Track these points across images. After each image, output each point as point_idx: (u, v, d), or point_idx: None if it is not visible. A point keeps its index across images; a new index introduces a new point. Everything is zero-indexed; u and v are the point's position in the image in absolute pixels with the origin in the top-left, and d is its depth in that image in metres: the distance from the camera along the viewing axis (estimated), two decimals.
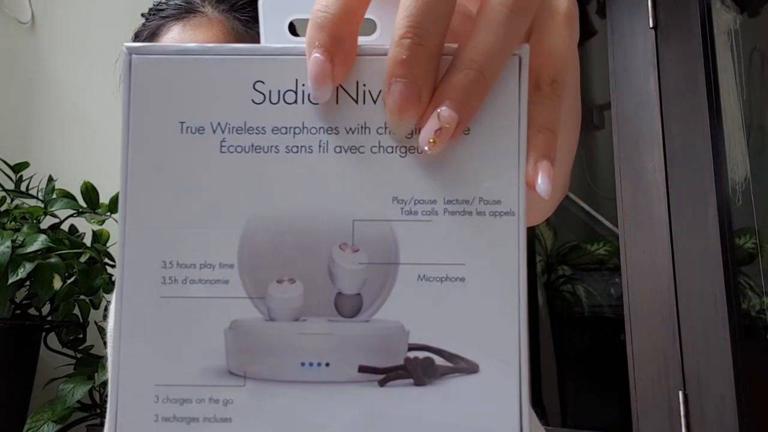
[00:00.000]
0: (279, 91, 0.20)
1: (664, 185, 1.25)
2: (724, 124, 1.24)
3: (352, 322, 0.20)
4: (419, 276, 0.19)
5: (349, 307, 0.20)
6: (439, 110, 0.19)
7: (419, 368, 0.19)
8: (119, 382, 0.20)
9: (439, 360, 0.19)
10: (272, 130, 0.20)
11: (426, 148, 0.19)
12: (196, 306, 0.20)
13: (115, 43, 0.74)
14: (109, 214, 1.21)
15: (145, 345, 0.20)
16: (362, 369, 0.19)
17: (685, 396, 1.18)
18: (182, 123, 0.20)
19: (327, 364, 0.20)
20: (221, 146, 0.20)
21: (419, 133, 0.20)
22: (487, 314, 0.19)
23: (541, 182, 0.20)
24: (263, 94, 0.21)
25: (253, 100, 0.20)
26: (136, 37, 0.59)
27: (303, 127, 0.20)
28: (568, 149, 0.30)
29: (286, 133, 0.20)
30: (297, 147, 0.20)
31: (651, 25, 1.32)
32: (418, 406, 0.19)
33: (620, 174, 1.31)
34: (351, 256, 0.20)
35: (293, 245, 0.20)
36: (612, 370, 1.42)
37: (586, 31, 1.55)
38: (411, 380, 0.19)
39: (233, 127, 0.20)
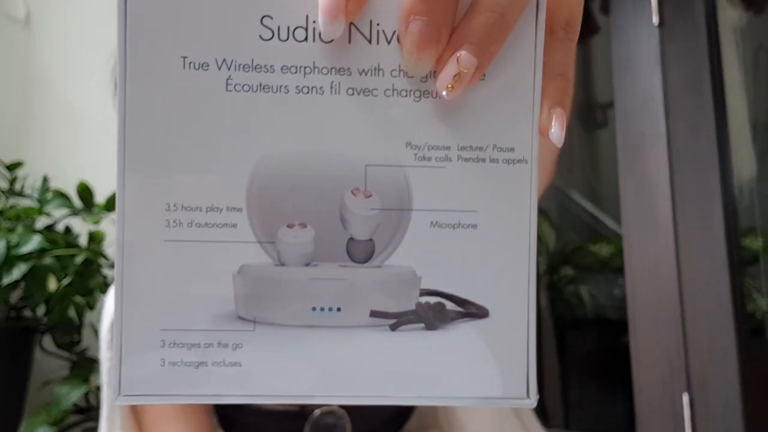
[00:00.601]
0: (288, 28, 0.20)
1: (668, 185, 1.24)
2: (729, 122, 1.23)
3: (363, 268, 0.20)
4: (432, 222, 0.19)
5: (361, 252, 0.20)
6: (458, 54, 0.18)
7: (430, 313, 0.19)
8: (123, 327, 0.19)
9: (450, 305, 0.19)
10: (281, 69, 0.20)
11: (444, 93, 0.19)
12: (202, 250, 0.19)
13: (111, 42, 0.72)
14: (105, 214, 1.19)
15: (150, 289, 0.19)
16: (374, 314, 0.19)
17: (690, 398, 1.17)
18: (184, 58, 0.19)
19: (338, 309, 0.20)
20: (227, 84, 0.19)
21: (435, 76, 0.19)
22: (498, 261, 0.19)
23: (555, 130, 0.19)
24: (271, 30, 0.20)
25: (260, 36, 0.19)
26: None
27: (314, 67, 0.20)
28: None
29: (296, 72, 0.20)
30: (308, 88, 0.20)
31: (655, 23, 1.31)
32: (429, 350, 0.19)
33: (624, 173, 1.30)
34: (363, 202, 0.19)
35: (304, 189, 0.19)
36: (616, 372, 1.41)
37: (589, 28, 1.54)
38: (422, 325, 0.19)
39: (240, 64, 0.19)
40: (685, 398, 1.18)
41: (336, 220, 0.20)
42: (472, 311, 0.19)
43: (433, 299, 0.19)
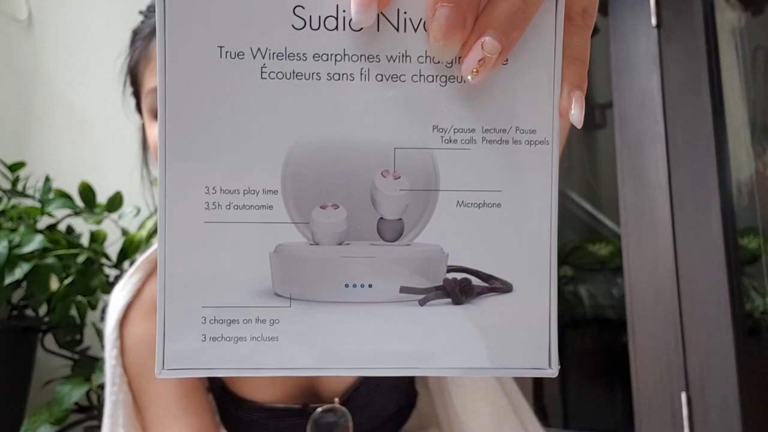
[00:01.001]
0: (320, 17, 0.20)
1: (666, 185, 1.25)
2: (728, 123, 1.23)
3: (393, 246, 0.21)
4: (458, 202, 0.20)
5: (390, 231, 0.21)
6: (482, 40, 0.19)
7: (457, 288, 0.20)
8: (165, 304, 0.21)
9: (475, 281, 0.20)
10: (313, 57, 0.20)
11: (469, 77, 0.20)
12: (240, 231, 0.21)
13: (112, 42, 0.72)
14: (106, 214, 1.19)
15: (191, 269, 0.21)
16: (403, 290, 0.20)
17: (688, 398, 1.18)
18: (221, 47, 0.20)
19: (370, 286, 0.21)
20: (262, 72, 0.20)
21: (460, 62, 0.20)
22: (521, 238, 0.20)
23: (575, 111, 0.20)
24: (303, 19, 0.20)
25: (293, 26, 0.20)
26: (135, 35, 0.58)
27: (344, 55, 0.20)
28: None
29: (327, 60, 0.20)
30: (339, 74, 0.20)
31: (654, 24, 1.31)
32: (456, 323, 0.20)
33: (622, 174, 1.31)
34: (393, 183, 0.20)
35: (336, 172, 0.20)
36: (614, 371, 1.41)
37: None
38: (449, 300, 0.20)
39: (274, 53, 0.20)
40: (684, 397, 1.19)
41: (367, 200, 0.21)
42: (496, 286, 0.20)
43: (459, 275, 0.20)
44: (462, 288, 0.20)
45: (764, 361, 1.22)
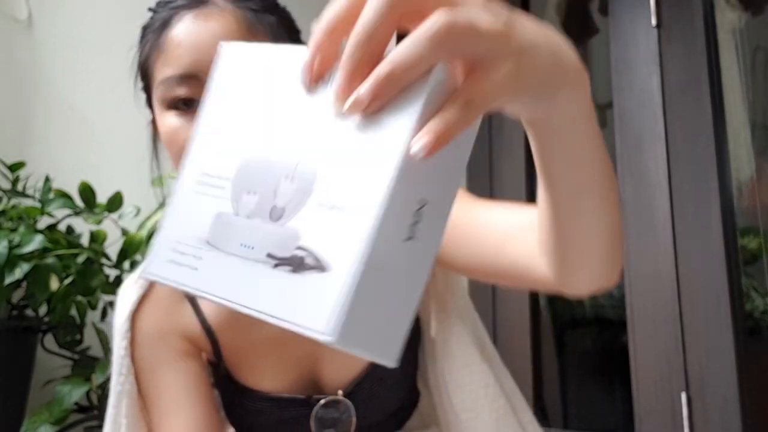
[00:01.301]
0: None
1: (666, 185, 1.25)
2: (728, 123, 1.24)
3: (272, 224, 0.30)
4: (319, 203, 0.29)
5: (275, 215, 0.30)
6: (358, 90, 0.28)
7: (297, 262, 0.28)
8: (161, 233, 0.35)
9: (309, 259, 0.28)
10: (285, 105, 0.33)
11: (343, 111, 0.29)
12: (205, 199, 0.33)
13: (113, 42, 0.72)
14: (106, 214, 1.19)
15: (178, 216, 0.34)
16: (268, 255, 0.30)
17: (688, 398, 1.18)
18: (241, 103, 0.34)
19: (252, 248, 0.31)
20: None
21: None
22: (347, 233, 0.28)
23: (417, 146, 0.26)
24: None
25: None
26: (146, 29, 0.58)
27: (298, 101, 0.32)
28: (600, 214, 0.41)
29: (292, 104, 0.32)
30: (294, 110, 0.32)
31: (654, 24, 1.32)
32: (285, 284, 0.29)
33: (622, 174, 1.31)
34: (288, 184, 0.30)
35: (263, 172, 0.32)
36: (614, 371, 1.41)
37: (588, 29, 1.54)
38: (291, 268, 0.29)
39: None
40: (684, 397, 1.19)
41: (272, 193, 0.31)
42: (319, 265, 0.28)
43: (302, 253, 0.28)
44: (300, 262, 0.28)
45: (764, 361, 1.22)
